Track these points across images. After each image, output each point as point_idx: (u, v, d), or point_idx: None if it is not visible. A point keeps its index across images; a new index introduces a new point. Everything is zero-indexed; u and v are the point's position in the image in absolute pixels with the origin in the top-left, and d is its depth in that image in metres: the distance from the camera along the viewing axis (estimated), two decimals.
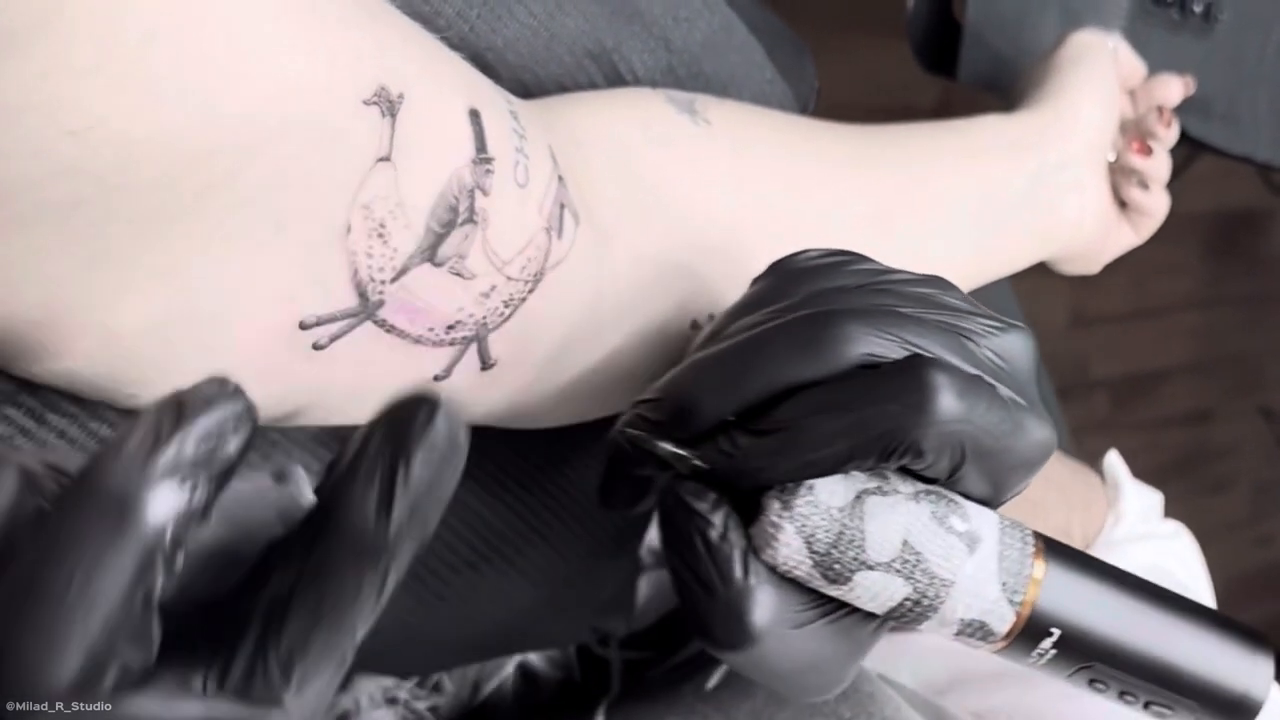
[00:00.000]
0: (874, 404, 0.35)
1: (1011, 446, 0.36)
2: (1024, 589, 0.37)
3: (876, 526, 0.36)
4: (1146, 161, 0.66)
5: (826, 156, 0.54)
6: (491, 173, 0.37)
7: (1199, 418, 2.28)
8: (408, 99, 0.34)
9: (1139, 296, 2.15)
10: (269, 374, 0.35)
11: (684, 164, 0.48)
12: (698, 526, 0.36)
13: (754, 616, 0.36)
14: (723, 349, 0.38)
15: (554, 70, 0.49)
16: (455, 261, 0.37)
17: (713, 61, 0.55)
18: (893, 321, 0.37)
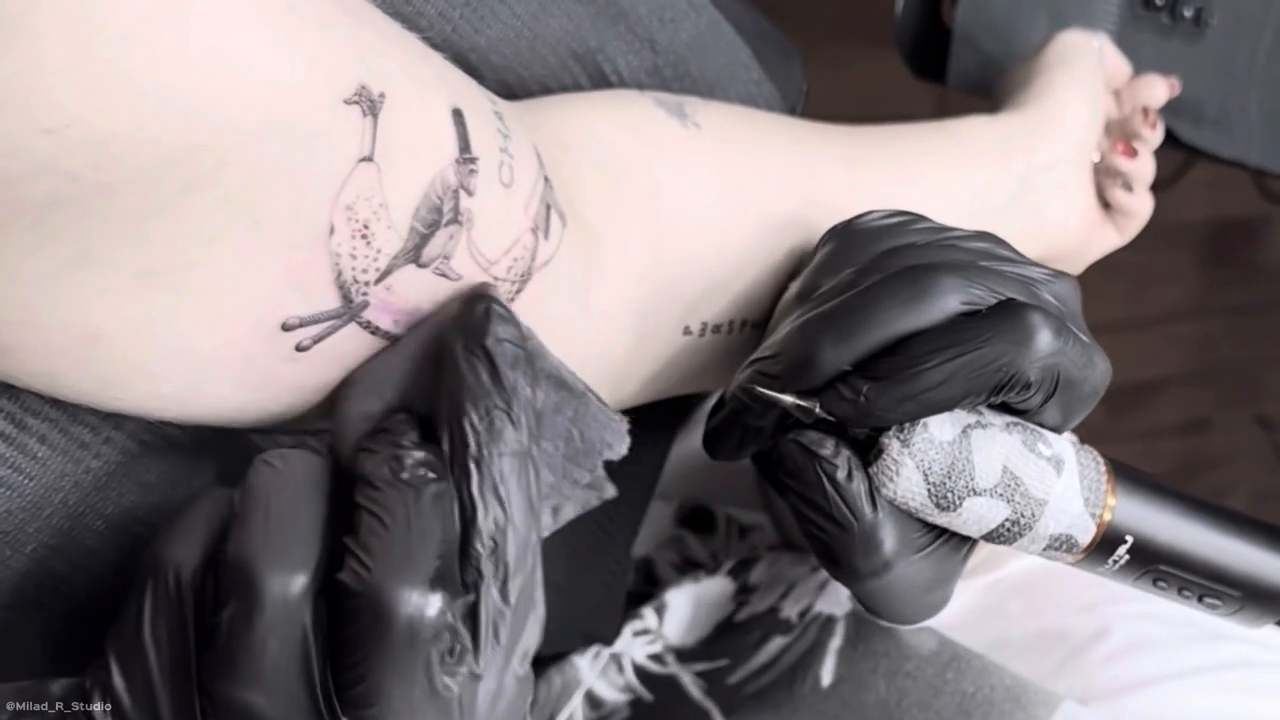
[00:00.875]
0: (986, 344, 0.39)
1: (1088, 377, 0.41)
2: (1102, 502, 0.42)
3: (982, 456, 0.41)
4: (1131, 163, 0.66)
5: (816, 158, 0.53)
6: (476, 172, 0.37)
7: (1196, 427, 2.28)
8: (390, 98, 0.34)
9: (1134, 305, 2.14)
10: (251, 376, 0.35)
11: (673, 167, 0.48)
12: (825, 470, 0.41)
13: (886, 545, 0.41)
14: (834, 306, 0.41)
15: (538, 71, 0.49)
16: (440, 263, 0.36)
17: (699, 62, 0.55)
18: (978, 273, 0.41)
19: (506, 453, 0.34)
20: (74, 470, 0.38)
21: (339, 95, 0.32)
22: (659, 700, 0.63)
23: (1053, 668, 0.60)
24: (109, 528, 0.40)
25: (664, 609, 0.67)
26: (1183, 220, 2.14)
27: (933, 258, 0.43)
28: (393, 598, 0.31)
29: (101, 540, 0.40)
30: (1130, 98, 0.70)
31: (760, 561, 0.70)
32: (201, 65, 0.28)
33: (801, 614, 0.64)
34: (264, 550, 0.32)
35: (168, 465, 0.41)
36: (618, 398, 0.49)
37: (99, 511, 0.39)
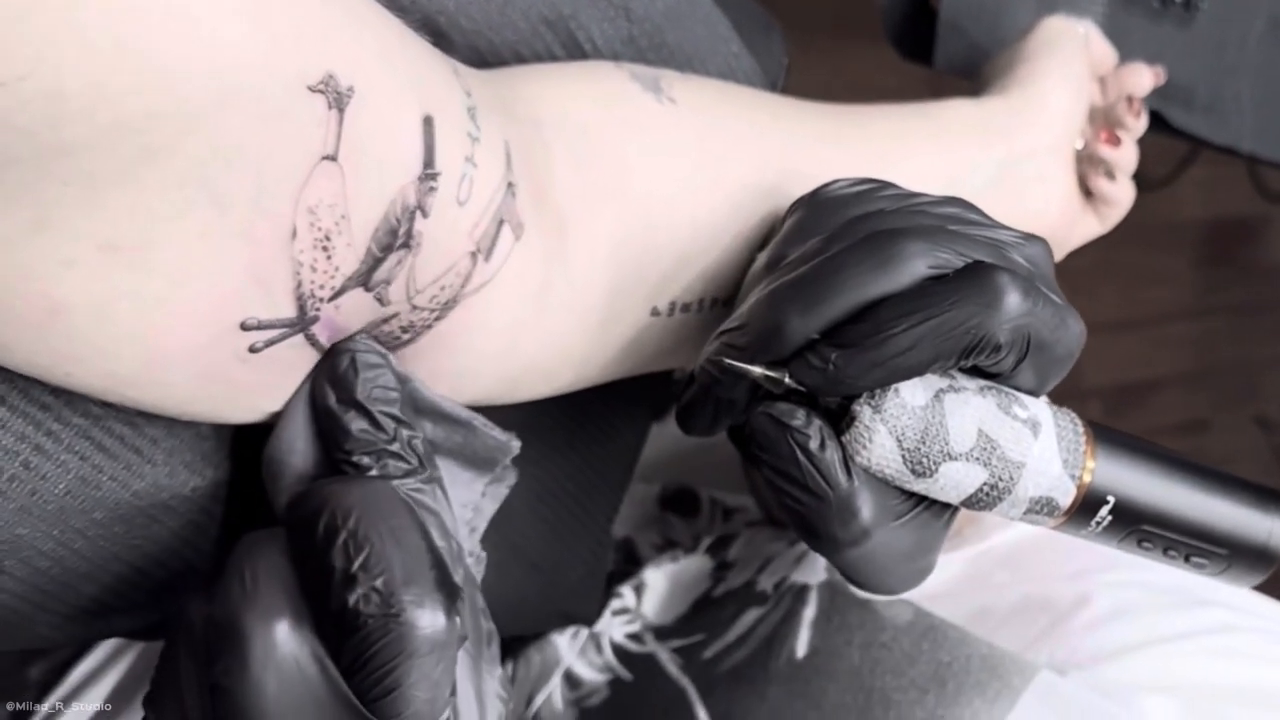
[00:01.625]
0: (954, 306, 0.39)
1: (1060, 338, 0.41)
2: (1081, 463, 0.41)
3: (956, 421, 0.40)
4: (1114, 151, 0.65)
5: (793, 135, 0.53)
6: (435, 190, 0.37)
7: (1194, 428, 2.27)
8: (359, 93, 0.33)
9: (1132, 305, 2.14)
10: (204, 370, 0.35)
11: (647, 144, 0.48)
12: (797, 440, 0.40)
13: (864, 513, 0.40)
14: (800, 274, 0.41)
15: (509, 37, 0.48)
16: (381, 288, 0.37)
17: (676, 32, 0.54)
18: (946, 236, 0.41)
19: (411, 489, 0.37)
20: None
21: (302, 79, 0.32)
22: (638, 679, 0.63)
23: (1035, 635, 0.60)
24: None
25: (643, 588, 0.67)
26: (1180, 219, 2.14)
27: (900, 223, 0.42)
28: (413, 613, 0.33)
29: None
30: (1115, 85, 0.70)
31: (738, 538, 0.70)
32: (158, 22, 0.28)
33: (776, 585, 0.63)
34: (243, 605, 0.34)
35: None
36: (585, 376, 0.49)
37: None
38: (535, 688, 0.63)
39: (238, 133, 0.30)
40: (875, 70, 0.83)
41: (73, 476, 0.38)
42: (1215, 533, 0.43)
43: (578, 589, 0.64)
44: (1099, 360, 2.11)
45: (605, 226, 0.46)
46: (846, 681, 0.57)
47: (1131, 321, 2.16)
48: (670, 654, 0.63)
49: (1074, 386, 2.07)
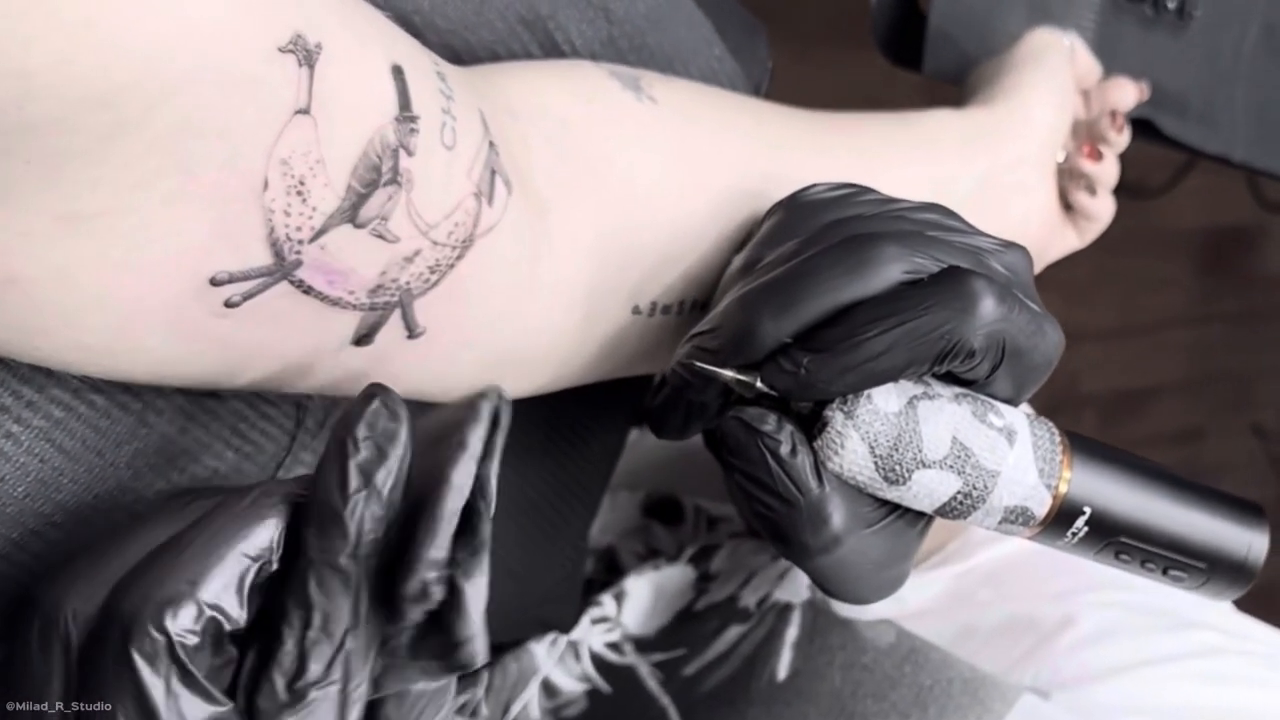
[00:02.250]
0: (927, 311, 0.38)
1: (1037, 345, 0.41)
2: (1057, 473, 0.41)
3: (929, 428, 0.40)
4: (1096, 166, 0.65)
5: (776, 140, 0.52)
6: (416, 131, 0.36)
7: (1190, 435, 2.27)
8: (326, 50, 0.33)
9: (1129, 312, 2.14)
10: (179, 329, 0.34)
11: (627, 141, 0.47)
12: (767, 446, 0.40)
13: (835, 520, 0.40)
14: (774, 277, 0.41)
15: (485, 36, 0.48)
16: (378, 224, 0.36)
17: (657, 34, 0.54)
18: (922, 242, 0.40)
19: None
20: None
21: (273, 42, 0.31)
22: (616, 693, 0.62)
23: (1020, 656, 0.59)
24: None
25: (623, 597, 0.66)
26: (1178, 228, 2.14)
27: (877, 228, 0.42)
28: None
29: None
30: (1099, 99, 0.69)
31: (721, 549, 0.69)
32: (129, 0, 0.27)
33: (759, 602, 0.63)
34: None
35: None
36: (565, 375, 0.48)
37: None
38: (512, 696, 0.63)
39: (209, 100, 0.30)
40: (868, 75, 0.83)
41: (32, 479, 0.37)
42: (1193, 546, 0.43)
43: (554, 595, 0.64)
44: (1095, 367, 2.10)
45: (587, 216, 0.46)
46: (827, 704, 0.57)
47: (1128, 329, 2.15)
48: (651, 668, 0.63)
49: (1070, 393, 2.07)
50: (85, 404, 0.39)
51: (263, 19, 0.31)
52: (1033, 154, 0.62)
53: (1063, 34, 0.67)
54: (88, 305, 0.32)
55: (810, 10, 1.54)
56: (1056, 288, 0.72)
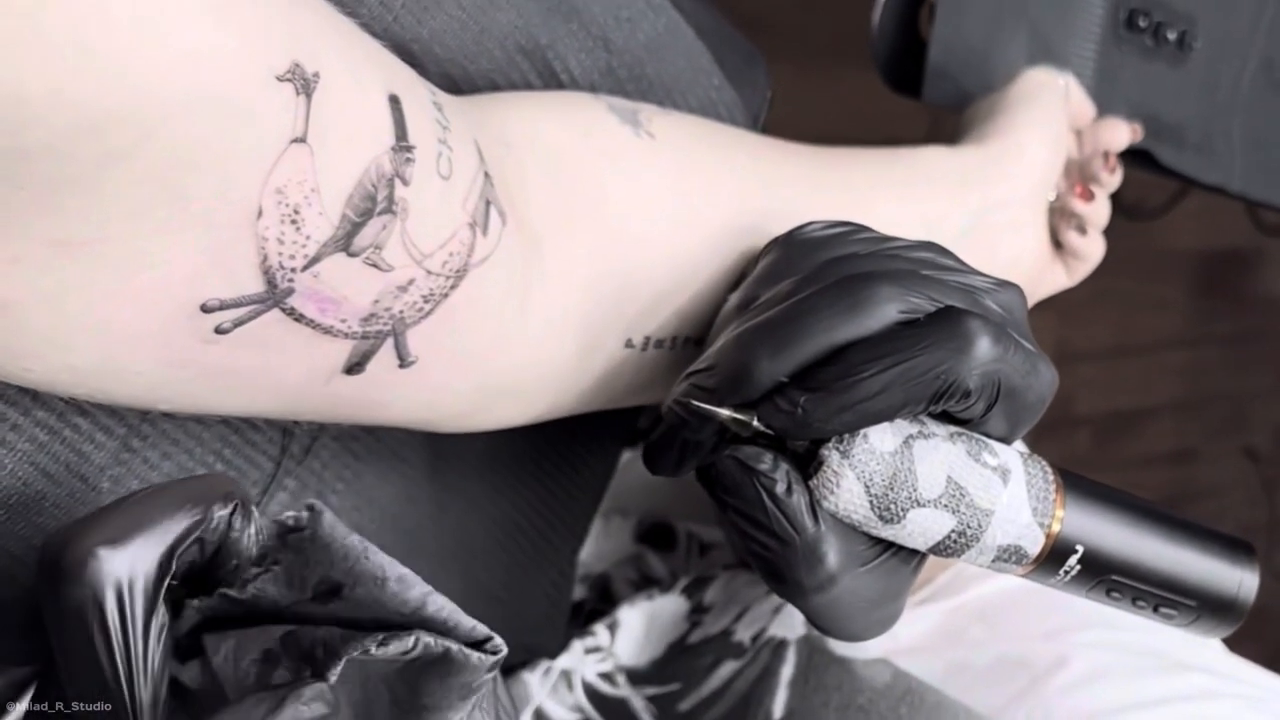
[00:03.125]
0: (923, 351, 0.38)
1: (1031, 385, 0.41)
2: (1051, 512, 0.41)
3: (925, 467, 0.40)
4: (1087, 206, 0.65)
5: (771, 177, 0.53)
6: (412, 161, 0.36)
7: (1183, 457, 2.27)
8: (324, 79, 0.33)
9: (1124, 333, 2.14)
10: (169, 355, 0.34)
11: (623, 176, 0.47)
12: (763, 485, 0.40)
13: (830, 559, 0.40)
14: (769, 317, 0.41)
15: (484, 66, 0.48)
16: (371, 252, 0.36)
17: (656, 65, 0.54)
18: (918, 281, 0.41)
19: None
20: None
21: (271, 71, 0.31)
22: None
23: (1012, 696, 0.59)
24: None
25: (616, 627, 0.66)
26: (1175, 249, 2.14)
27: (872, 267, 0.42)
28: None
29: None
30: (1092, 139, 0.69)
31: (716, 580, 0.69)
32: (124, 27, 0.27)
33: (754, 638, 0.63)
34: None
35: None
36: (557, 406, 0.48)
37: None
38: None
39: (203, 131, 0.30)
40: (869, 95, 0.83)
41: (15, 501, 0.37)
42: (1184, 584, 0.43)
43: (540, 622, 0.63)
44: (1090, 388, 2.10)
45: (581, 249, 0.45)
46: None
47: (1124, 350, 2.15)
48: (645, 702, 0.62)
49: (1064, 414, 2.07)
50: (70, 427, 0.39)
51: (261, 48, 0.31)
52: (1026, 193, 0.62)
53: (1058, 73, 0.67)
54: (78, 330, 0.32)
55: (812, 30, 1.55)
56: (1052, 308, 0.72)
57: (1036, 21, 0.82)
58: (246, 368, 0.36)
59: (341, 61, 0.34)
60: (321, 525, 0.35)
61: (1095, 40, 0.84)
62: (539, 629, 0.64)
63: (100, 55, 0.27)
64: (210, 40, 0.29)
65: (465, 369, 0.42)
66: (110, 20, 0.27)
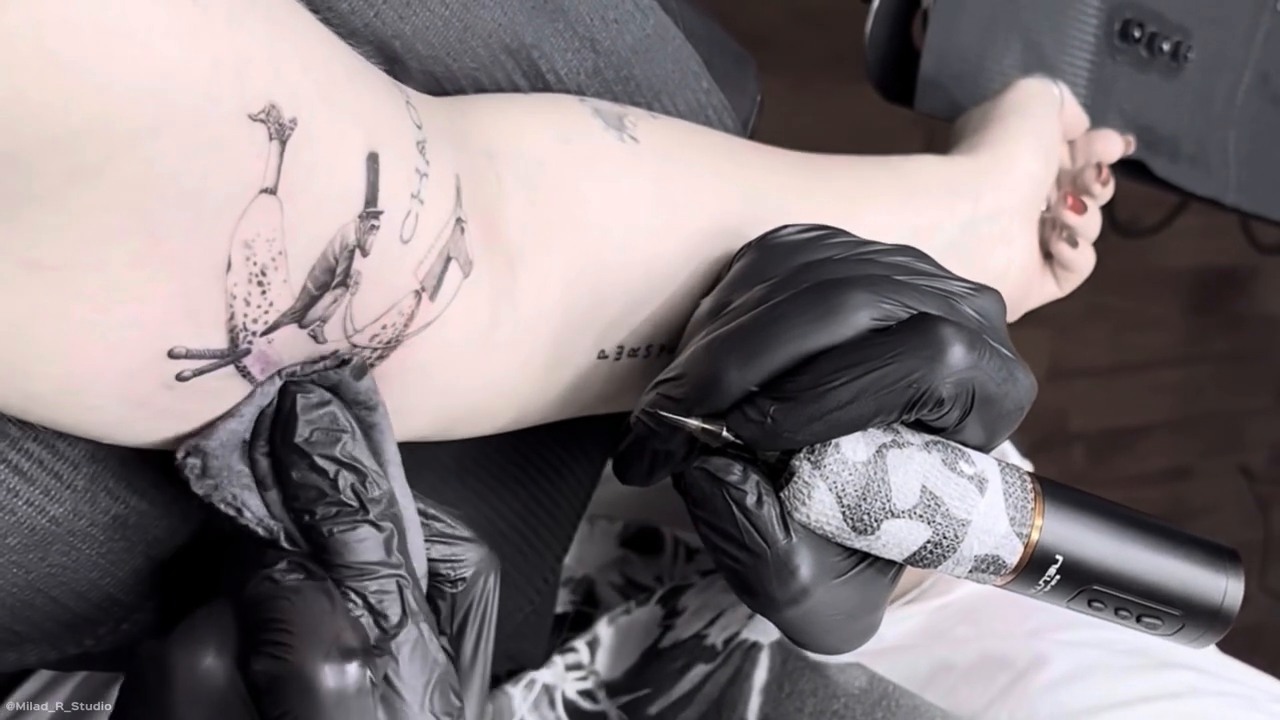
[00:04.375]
0: (895, 359, 0.38)
1: (1008, 392, 0.40)
2: (1029, 521, 0.40)
3: (898, 477, 0.39)
4: (1078, 218, 0.64)
5: (757, 184, 0.52)
6: (376, 228, 0.35)
7: (1178, 475, 2.27)
8: (301, 127, 0.32)
9: (1119, 351, 2.14)
10: (131, 394, 0.33)
11: (604, 182, 0.47)
12: (733, 497, 0.39)
13: (803, 571, 0.39)
14: (739, 325, 0.40)
15: (468, 64, 0.47)
16: (317, 326, 0.36)
17: (644, 66, 0.53)
18: (892, 287, 0.40)
19: (364, 546, 0.37)
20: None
21: (243, 107, 0.30)
22: None
23: (995, 695, 0.58)
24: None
25: (596, 644, 0.65)
26: (1170, 267, 2.14)
27: (847, 272, 0.42)
28: (311, 671, 0.34)
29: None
30: (1084, 150, 0.69)
31: (692, 588, 0.68)
32: (90, 36, 0.26)
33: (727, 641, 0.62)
34: (173, 638, 0.35)
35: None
36: (526, 417, 0.48)
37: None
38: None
39: (173, 158, 0.29)
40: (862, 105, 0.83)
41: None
42: (1167, 593, 0.42)
43: (523, 629, 0.63)
44: (1085, 404, 2.10)
45: (557, 265, 0.45)
46: None
47: (1119, 367, 2.15)
48: (619, 712, 0.62)
49: (1059, 430, 2.07)
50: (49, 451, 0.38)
51: (232, 79, 0.30)
52: (1017, 204, 0.61)
53: (1052, 83, 0.67)
54: (43, 359, 0.31)
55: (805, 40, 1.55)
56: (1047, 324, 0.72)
57: (1030, 31, 0.81)
58: (189, 412, 0.36)
59: (325, 109, 0.33)
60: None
61: (1089, 51, 0.84)
62: (522, 636, 0.63)
63: (64, 61, 0.26)
64: (178, 64, 0.28)
65: (420, 405, 0.42)
66: (75, 27, 0.26)
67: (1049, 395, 2.03)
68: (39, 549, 0.39)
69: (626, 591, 0.73)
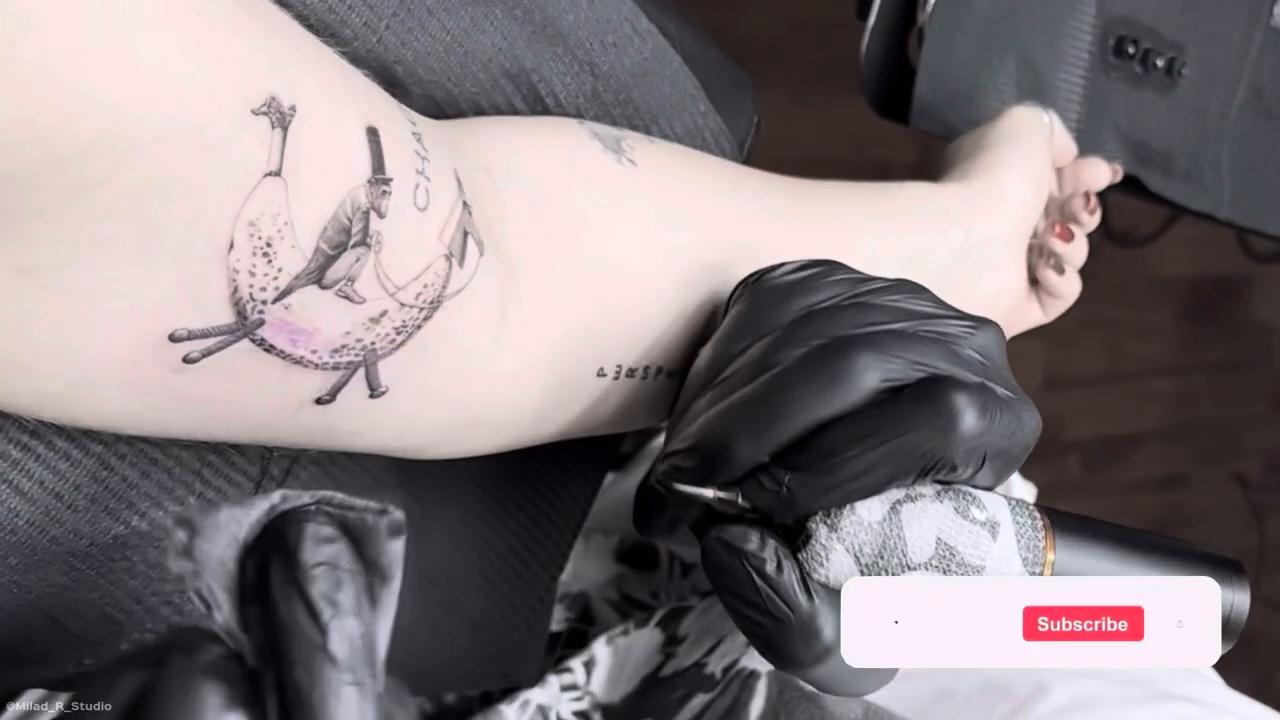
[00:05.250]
0: (909, 431, 0.38)
1: (1017, 440, 0.40)
2: (1041, 559, 0.41)
3: (913, 531, 0.39)
4: (1066, 246, 0.64)
5: (753, 208, 0.52)
6: (389, 194, 0.36)
7: (1172, 483, 2.27)
8: (301, 112, 0.32)
9: (1114, 360, 2.14)
10: (136, 383, 0.33)
11: (603, 204, 0.47)
12: (752, 565, 0.39)
13: (826, 632, 0.40)
14: (746, 395, 0.41)
15: (468, 88, 0.47)
16: (344, 285, 0.35)
17: (642, 90, 0.54)
18: (896, 344, 0.40)
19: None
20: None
21: (246, 104, 0.31)
22: None
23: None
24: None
25: (592, 665, 0.65)
26: (1165, 276, 2.14)
27: (848, 325, 0.42)
28: None
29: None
30: (1072, 178, 0.69)
31: (692, 611, 0.68)
32: (98, 60, 0.27)
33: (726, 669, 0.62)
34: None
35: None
36: (527, 435, 0.48)
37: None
38: None
39: (176, 163, 0.30)
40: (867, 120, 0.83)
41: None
42: None
43: (518, 647, 0.63)
44: (1080, 413, 2.11)
45: (557, 279, 0.45)
46: None
47: (1114, 376, 2.16)
48: None
49: (1054, 440, 2.07)
50: (45, 445, 0.38)
51: (236, 80, 0.30)
52: (1008, 232, 0.62)
53: (1042, 111, 0.67)
54: (43, 355, 0.31)
55: (802, 54, 1.55)
56: (1042, 334, 0.72)
57: (1025, 48, 0.82)
58: (214, 396, 0.36)
59: (320, 92, 0.34)
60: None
61: (1084, 67, 0.84)
62: (517, 654, 0.63)
63: (71, 87, 0.27)
64: (184, 73, 0.29)
65: (437, 399, 0.42)
66: (83, 53, 0.27)
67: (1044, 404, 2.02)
68: (39, 569, 0.39)
69: (623, 608, 0.73)
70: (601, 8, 0.51)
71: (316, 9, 0.40)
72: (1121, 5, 0.85)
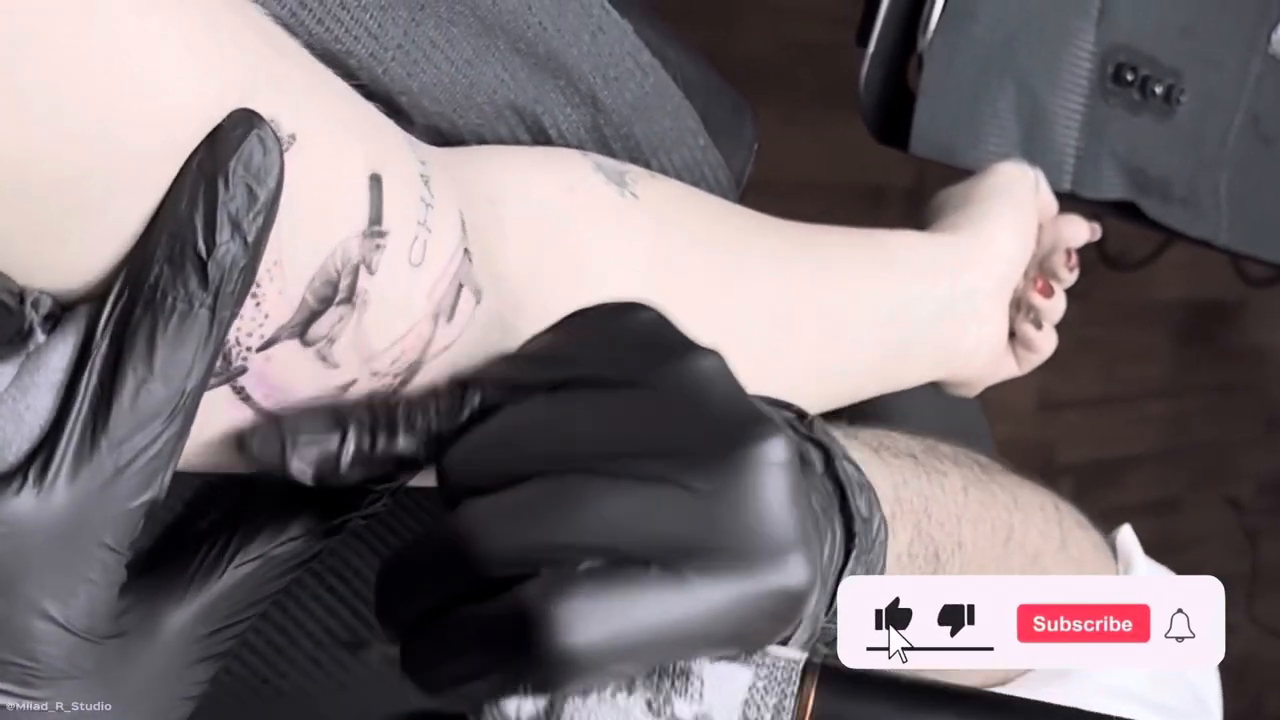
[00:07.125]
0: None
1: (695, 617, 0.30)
2: None
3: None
4: (1046, 301, 0.65)
5: (747, 251, 0.52)
6: (382, 248, 0.35)
7: (1166, 506, 2.27)
8: (301, 142, 0.32)
9: (1108, 383, 2.14)
10: None
11: (604, 236, 0.47)
12: None
13: None
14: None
15: (472, 120, 0.47)
16: (323, 345, 0.34)
17: (643, 124, 0.54)
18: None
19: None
20: None
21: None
22: None
23: None
24: None
25: None
26: (1159, 299, 2.15)
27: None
28: None
29: None
30: (1052, 234, 0.70)
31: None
32: (103, 86, 0.26)
33: None
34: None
35: None
36: None
37: None
38: None
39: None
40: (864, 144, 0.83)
41: None
42: None
43: None
44: (1073, 437, 2.11)
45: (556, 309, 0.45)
46: None
47: (1107, 399, 2.16)
48: None
49: (1047, 463, 2.07)
50: None
51: (239, 100, 0.30)
52: (993, 284, 0.62)
53: (1029, 168, 0.68)
54: None
55: (801, 76, 1.55)
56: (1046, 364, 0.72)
57: (1024, 75, 0.82)
58: (194, 437, 0.34)
59: (325, 125, 0.33)
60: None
61: (1082, 93, 0.84)
62: None
63: (73, 113, 0.26)
64: (189, 97, 0.29)
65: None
66: (87, 80, 0.26)
67: (1037, 428, 2.03)
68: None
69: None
70: (605, 42, 0.51)
71: (322, 39, 0.40)
72: (1120, 32, 0.85)
